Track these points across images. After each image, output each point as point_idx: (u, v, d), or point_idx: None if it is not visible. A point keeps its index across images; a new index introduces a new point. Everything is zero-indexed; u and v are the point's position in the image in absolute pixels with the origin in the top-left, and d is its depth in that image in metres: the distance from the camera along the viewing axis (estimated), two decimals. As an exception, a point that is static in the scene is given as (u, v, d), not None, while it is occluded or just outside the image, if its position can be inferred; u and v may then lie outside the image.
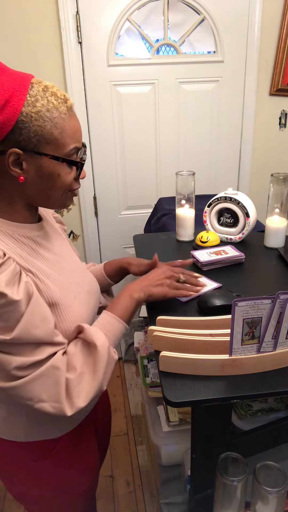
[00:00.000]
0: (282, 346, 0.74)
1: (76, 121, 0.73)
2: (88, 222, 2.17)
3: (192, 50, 1.98)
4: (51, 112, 0.68)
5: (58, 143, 0.70)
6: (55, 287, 0.77)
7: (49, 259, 0.80)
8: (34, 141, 0.68)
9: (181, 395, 0.70)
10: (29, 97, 0.67)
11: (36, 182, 0.72)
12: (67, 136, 0.71)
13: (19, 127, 0.67)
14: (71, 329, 0.78)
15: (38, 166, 0.70)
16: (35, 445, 0.86)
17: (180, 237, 1.34)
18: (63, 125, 0.70)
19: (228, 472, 0.75)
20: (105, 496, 1.69)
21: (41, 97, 0.68)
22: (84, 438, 0.94)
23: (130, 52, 1.94)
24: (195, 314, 0.91)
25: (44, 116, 0.67)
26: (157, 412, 1.22)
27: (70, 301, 0.80)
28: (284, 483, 0.71)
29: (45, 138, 0.69)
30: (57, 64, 1.86)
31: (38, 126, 0.67)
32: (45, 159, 0.70)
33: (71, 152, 0.72)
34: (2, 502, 1.68)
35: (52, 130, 0.69)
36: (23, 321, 0.66)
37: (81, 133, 0.74)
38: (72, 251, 0.95)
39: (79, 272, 0.89)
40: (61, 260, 0.84)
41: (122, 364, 2.43)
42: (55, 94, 0.70)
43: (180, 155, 2.14)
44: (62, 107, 0.70)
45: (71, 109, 0.72)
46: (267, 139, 2.17)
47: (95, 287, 0.93)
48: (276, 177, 1.19)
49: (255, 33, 1.95)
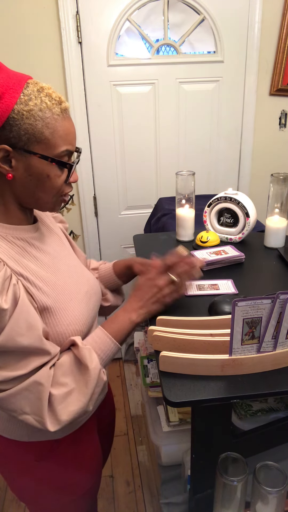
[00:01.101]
0: (282, 346, 0.74)
1: (70, 123, 0.72)
2: (88, 222, 2.17)
3: (192, 50, 1.98)
4: (43, 112, 0.68)
5: (48, 143, 0.70)
6: (49, 289, 0.77)
7: (43, 261, 0.80)
8: (24, 139, 0.68)
9: (181, 395, 0.70)
10: (23, 95, 0.67)
11: (25, 181, 0.72)
12: (59, 137, 0.70)
13: (9, 124, 0.67)
14: (68, 332, 0.78)
15: (27, 165, 0.70)
16: (39, 445, 0.86)
17: (180, 237, 1.34)
18: (55, 126, 0.69)
19: (228, 472, 0.75)
20: (105, 496, 1.69)
21: (35, 96, 0.68)
22: (87, 438, 0.94)
23: (130, 52, 1.94)
24: (195, 314, 0.91)
25: (35, 115, 0.67)
26: (157, 412, 1.22)
27: (65, 303, 0.79)
28: (284, 483, 0.71)
29: (36, 137, 0.68)
30: (57, 64, 1.86)
31: (29, 125, 0.67)
32: (35, 158, 0.70)
33: (62, 154, 0.72)
34: (2, 502, 1.68)
35: (43, 129, 0.68)
36: (7, 329, 0.65)
37: (74, 136, 0.74)
38: (71, 251, 0.94)
39: (78, 273, 0.89)
40: (57, 262, 0.84)
41: (122, 364, 2.43)
42: (50, 95, 0.70)
43: (180, 155, 2.14)
44: (55, 108, 0.69)
45: (65, 111, 0.71)
46: (267, 139, 2.17)
47: (95, 287, 0.92)
48: (276, 177, 1.19)
49: (255, 33, 1.95)
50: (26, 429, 0.84)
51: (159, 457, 1.16)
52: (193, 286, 1.04)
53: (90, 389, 0.73)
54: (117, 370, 2.38)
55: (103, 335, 0.81)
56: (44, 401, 0.69)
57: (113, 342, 0.81)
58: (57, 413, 0.70)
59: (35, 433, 0.85)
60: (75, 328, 0.79)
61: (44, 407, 0.69)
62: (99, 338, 0.80)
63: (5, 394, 0.68)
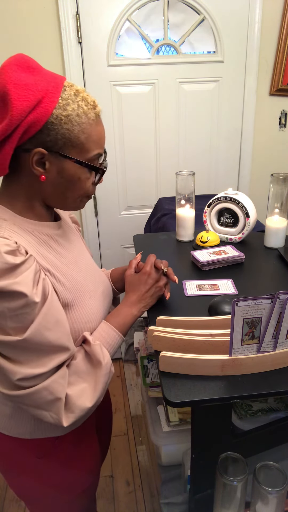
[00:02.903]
0: (282, 346, 0.74)
1: (102, 127, 0.75)
2: (88, 222, 2.17)
3: (192, 50, 1.98)
4: (80, 117, 0.69)
5: (83, 148, 0.71)
6: (72, 285, 0.78)
7: (66, 257, 0.81)
8: (61, 143, 0.69)
9: (181, 395, 0.70)
10: (61, 100, 0.68)
11: (56, 182, 0.73)
12: (92, 142, 0.72)
13: (47, 128, 0.68)
14: (85, 329, 0.80)
15: (61, 168, 0.72)
16: (40, 442, 0.87)
17: (180, 237, 1.34)
18: (90, 131, 0.71)
19: (228, 472, 0.75)
20: (105, 496, 1.69)
21: (72, 101, 0.69)
22: (87, 436, 0.95)
23: (130, 52, 1.94)
24: (195, 314, 0.91)
25: (73, 120, 0.69)
26: (157, 412, 1.22)
27: (85, 301, 0.81)
28: (284, 483, 0.71)
29: (72, 142, 0.70)
30: (57, 64, 1.86)
31: (67, 130, 0.69)
32: (68, 162, 0.71)
33: (93, 158, 0.74)
34: (2, 502, 1.68)
35: (79, 134, 0.70)
36: (36, 322, 0.66)
37: (105, 139, 0.76)
38: (87, 252, 0.96)
39: (95, 273, 0.91)
40: (79, 259, 0.86)
41: (122, 364, 2.43)
42: (86, 99, 0.71)
43: (180, 155, 2.14)
44: (91, 113, 0.71)
45: (98, 116, 0.73)
46: (267, 139, 2.17)
47: (108, 289, 0.95)
48: (276, 177, 1.19)
49: (255, 33, 1.95)
50: (28, 426, 0.84)
51: (159, 457, 1.16)
52: (193, 286, 1.04)
53: (103, 383, 0.76)
54: (117, 370, 2.38)
55: (109, 329, 0.83)
56: (62, 401, 0.71)
57: (118, 335, 0.84)
58: (73, 410, 0.72)
59: (37, 430, 0.85)
60: (91, 326, 0.81)
61: (61, 406, 0.71)
62: (105, 332, 0.83)
63: (25, 392, 0.68)
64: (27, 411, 0.74)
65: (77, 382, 0.74)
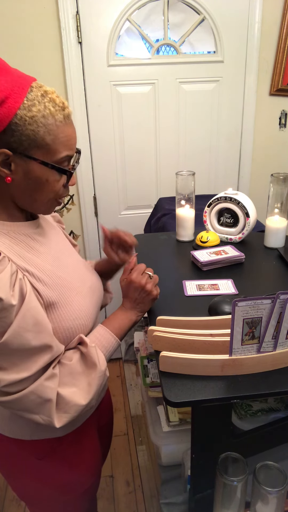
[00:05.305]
0: (282, 346, 0.74)
1: (72, 129, 0.72)
2: (88, 222, 2.17)
3: (192, 50, 1.98)
4: (46, 119, 0.68)
5: (49, 149, 0.69)
6: (54, 283, 0.77)
7: (47, 255, 0.80)
8: (25, 144, 0.68)
9: (181, 395, 0.70)
10: (26, 100, 0.66)
11: (23, 184, 0.72)
12: (60, 144, 0.70)
13: (11, 129, 0.66)
14: (74, 327, 0.79)
15: (27, 169, 0.70)
16: (40, 443, 0.87)
17: (180, 237, 1.34)
18: (57, 132, 0.69)
19: (228, 472, 0.75)
20: (105, 496, 1.69)
21: (39, 102, 0.67)
22: (87, 437, 0.95)
23: (130, 52, 1.94)
24: (195, 314, 0.91)
25: (38, 121, 0.67)
26: (157, 412, 1.22)
27: (71, 297, 0.80)
28: (284, 483, 0.71)
29: (37, 143, 0.68)
30: (57, 64, 1.86)
31: (31, 131, 0.67)
32: (34, 163, 0.70)
33: (62, 160, 0.72)
34: (2, 502, 1.68)
35: (44, 136, 0.68)
36: (15, 324, 0.65)
37: (75, 141, 0.74)
38: (72, 248, 0.95)
39: (81, 268, 0.90)
40: (61, 256, 0.84)
41: (122, 364, 2.43)
42: (53, 101, 0.69)
43: (180, 155, 2.14)
44: (58, 115, 0.69)
45: (68, 117, 0.71)
46: (267, 139, 2.17)
47: (97, 283, 0.94)
48: (276, 177, 1.19)
49: (255, 33, 1.95)
50: (28, 428, 0.84)
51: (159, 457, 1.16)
52: (193, 286, 1.04)
53: (96, 386, 0.76)
54: (117, 370, 2.38)
55: (106, 333, 0.84)
56: (53, 402, 0.71)
57: (115, 339, 0.84)
58: (67, 410, 0.72)
59: (37, 432, 0.85)
60: (81, 323, 0.80)
61: (52, 408, 0.71)
62: (101, 335, 0.83)
63: (13, 397, 0.68)
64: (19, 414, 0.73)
65: (71, 383, 0.74)
